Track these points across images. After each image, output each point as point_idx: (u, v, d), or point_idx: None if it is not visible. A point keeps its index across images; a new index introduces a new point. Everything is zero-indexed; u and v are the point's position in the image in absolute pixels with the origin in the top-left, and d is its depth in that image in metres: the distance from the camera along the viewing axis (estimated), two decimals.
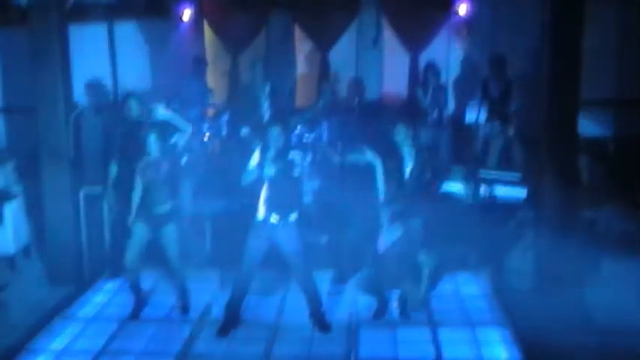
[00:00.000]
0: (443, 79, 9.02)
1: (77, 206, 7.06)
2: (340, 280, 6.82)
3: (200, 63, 9.35)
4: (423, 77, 8.89)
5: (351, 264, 6.48)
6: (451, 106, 9.50)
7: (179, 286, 6.35)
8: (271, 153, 5.62)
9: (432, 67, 8.83)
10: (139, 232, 6.06)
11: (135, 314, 6.25)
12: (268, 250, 5.83)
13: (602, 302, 5.95)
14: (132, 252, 6.09)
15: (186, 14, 9.86)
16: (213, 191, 7.42)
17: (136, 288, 6.31)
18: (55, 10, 6.74)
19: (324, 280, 6.82)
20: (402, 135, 6.12)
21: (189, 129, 6.29)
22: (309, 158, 7.87)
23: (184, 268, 6.33)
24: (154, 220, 6.04)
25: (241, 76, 9.99)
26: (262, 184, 5.67)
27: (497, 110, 8.26)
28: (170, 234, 6.10)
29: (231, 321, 5.92)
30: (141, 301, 6.33)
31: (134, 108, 6.91)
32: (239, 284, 5.89)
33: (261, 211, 5.73)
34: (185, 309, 6.32)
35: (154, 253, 6.27)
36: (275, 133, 5.61)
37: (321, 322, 5.92)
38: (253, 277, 5.93)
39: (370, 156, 6.10)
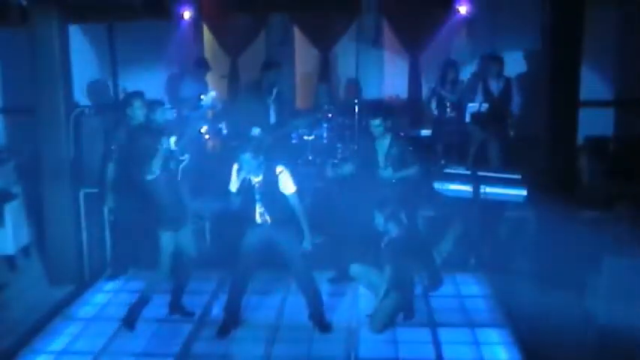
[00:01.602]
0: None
1: (77, 206, 7.06)
2: (340, 279, 6.82)
3: (201, 66, 9.33)
4: (442, 74, 8.82)
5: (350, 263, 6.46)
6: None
7: (180, 286, 6.30)
8: (248, 174, 5.65)
9: (451, 64, 8.79)
10: (167, 239, 5.93)
11: (131, 321, 6.04)
12: (266, 249, 5.83)
13: (603, 302, 5.95)
14: (165, 261, 5.96)
15: (186, 16, 9.86)
16: (212, 191, 7.41)
17: (147, 299, 6.11)
18: (55, 10, 6.75)
19: (323, 281, 6.85)
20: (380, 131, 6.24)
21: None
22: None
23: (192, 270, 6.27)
24: (175, 224, 5.95)
25: (242, 77, 10.00)
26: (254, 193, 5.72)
27: (497, 109, 8.27)
28: (188, 235, 6.06)
29: (231, 321, 5.92)
30: (139, 310, 6.11)
31: (139, 108, 6.76)
32: (236, 284, 5.90)
33: (257, 214, 5.76)
34: (176, 308, 6.26)
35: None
36: (247, 158, 5.60)
37: (321, 322, 5.92)
38: (250, 277, 5.93)
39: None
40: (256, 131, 8.01)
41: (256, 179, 5.69)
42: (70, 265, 7.01)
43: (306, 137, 8.64)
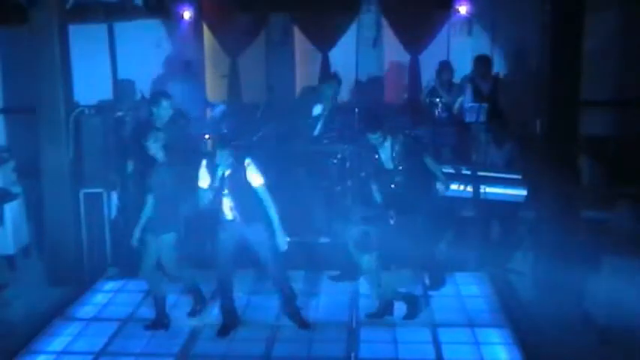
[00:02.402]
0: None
1: (77, 206, 7.06)
2: (341, 278, 6.82)
3: (189, 66, 9.33)
4: (437, 75, 8.86)
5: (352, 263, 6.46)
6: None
7: (190, 291, 6.28)
8: (223, 169, 5.62)
9: (446, 65, 8.83)
10: (151, 241, 5.93)
11: (154, 325, 6.04)
12: (239, 246, 5.81)
13: (603, 302, 5.95)
14: (147, 262, 5.98)
15: (186, 16, 9.86)
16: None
17: (160, 300, 6.10)
18: (55, 10, 6.74)
19: (323, 279, 6.87)
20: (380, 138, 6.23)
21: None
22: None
23: (184, 272, 6.22)
24: (159, 228, 5.91)
25: (242, 77, 10.00)
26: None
27: (489, 109, 8.29)
28: (168, 242, 5.95)
29: (229, 320, 5.92)
30: (161, 313, 6.10)
31: (165, 109, 6.60)
32: (222, 283, 5.90)
33: (228, 213, 5.74)
34: (196, 311, 6.25)
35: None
36: (224, 154, 5.56)
37: (300, 320, 5.94)
38: (233, 272, 5.92)
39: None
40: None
41: (226, 173, 5.64)
42: (70, 265, 7.01)
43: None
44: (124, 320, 6.20)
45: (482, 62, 8.64)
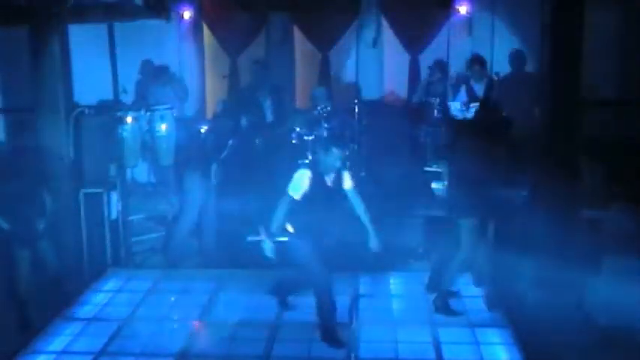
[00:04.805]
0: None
1: (77, 206, 7.05)
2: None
3: (162, 71, 9.35)
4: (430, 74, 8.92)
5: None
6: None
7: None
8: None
9: (440, 64, 8.88)
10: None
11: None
12: None
13: (603, 302, 5.95)
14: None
15: (186, 16, 9.87)
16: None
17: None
18: (55, 10, 6.75)
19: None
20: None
21: None
22: None
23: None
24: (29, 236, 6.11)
25: (242, 77, 10.00)
26: None
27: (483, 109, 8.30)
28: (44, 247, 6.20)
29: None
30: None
31: None
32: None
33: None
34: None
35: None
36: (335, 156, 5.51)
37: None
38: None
39: None
40: None
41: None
42: (70, 265, 7.00)
43: (306, 137, 8.63)
44: (124, 320, 6.20)
45: (475, 62, 8.65)
